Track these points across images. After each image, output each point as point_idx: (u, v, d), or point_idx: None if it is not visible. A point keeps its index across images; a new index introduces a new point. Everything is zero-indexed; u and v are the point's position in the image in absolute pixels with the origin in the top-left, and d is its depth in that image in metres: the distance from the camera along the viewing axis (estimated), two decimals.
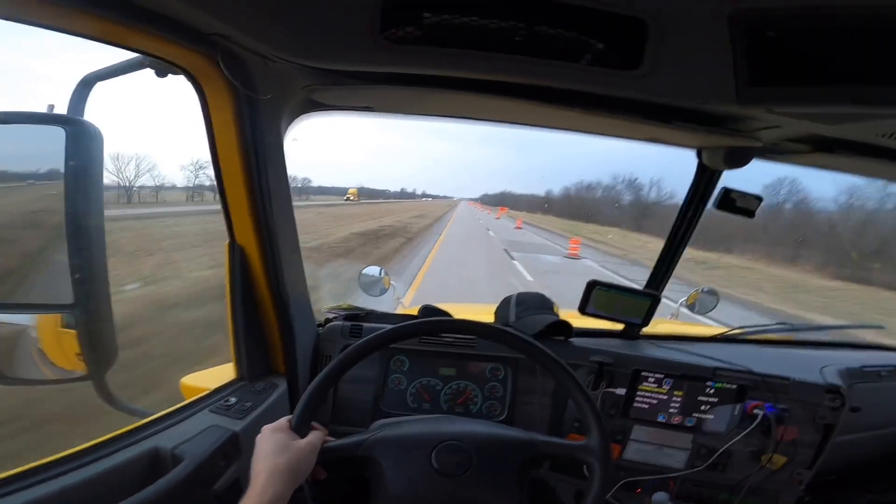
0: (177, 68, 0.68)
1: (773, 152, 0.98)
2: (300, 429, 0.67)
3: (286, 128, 0.88)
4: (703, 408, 1.02)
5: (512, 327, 1.14)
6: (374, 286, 1.37)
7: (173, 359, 3.15)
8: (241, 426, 0.79)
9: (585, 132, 0.99)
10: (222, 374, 0.96)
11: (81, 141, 0.62)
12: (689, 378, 1.03)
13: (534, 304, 1.16)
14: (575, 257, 11.95)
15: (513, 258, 10.59)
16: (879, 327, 1.55)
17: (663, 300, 1.16)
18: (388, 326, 0.74)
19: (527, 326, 1.09)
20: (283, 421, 0.68)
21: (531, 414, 1.08)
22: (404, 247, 11.60)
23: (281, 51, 0.64)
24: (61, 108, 0.66)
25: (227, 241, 0.86)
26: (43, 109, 0.66)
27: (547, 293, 1.22)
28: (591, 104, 0.77)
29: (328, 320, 1.14)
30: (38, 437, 2.12)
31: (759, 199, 1.05)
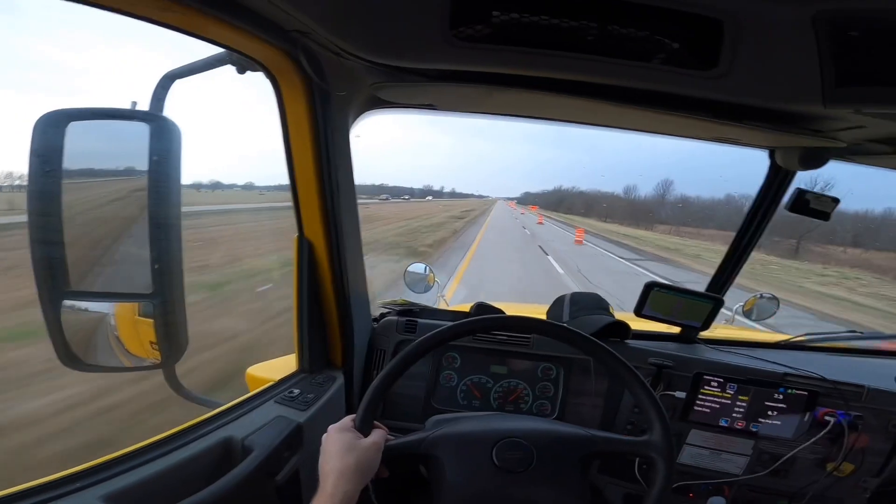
0: (256, 64, 0.69)
1: (852, 153, 0.94)
2: (364, 428, 0.67)
3: (352, 124, 0.89)
4: (769, 413, 1.02)
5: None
6: (419, 283, 1.38)
7: None
8: (305, 418, 0.81)
9: (654, 132, 0.98)
10: (284, 365, 0.98)
11: (163, 137, 0.64)
12: (757, 383, 1.01)
13: (589, 304, 1.14)
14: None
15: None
16: None
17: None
18: (445, 323, 0.74)
19: (583, 326, 1.07)
20: (348, 420, 0.68)
21: (582, 414, 1.07)
22: None
23: (354, 47, 0.65)
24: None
25: (296, 236, 0.87)
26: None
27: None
28: (661, 104, 0.76)
29: (382, 315, 1.15)
30: None
31: (835, 200, 1.00)
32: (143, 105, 0.68)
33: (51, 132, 0.61)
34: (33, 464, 1.97)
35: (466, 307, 1.17)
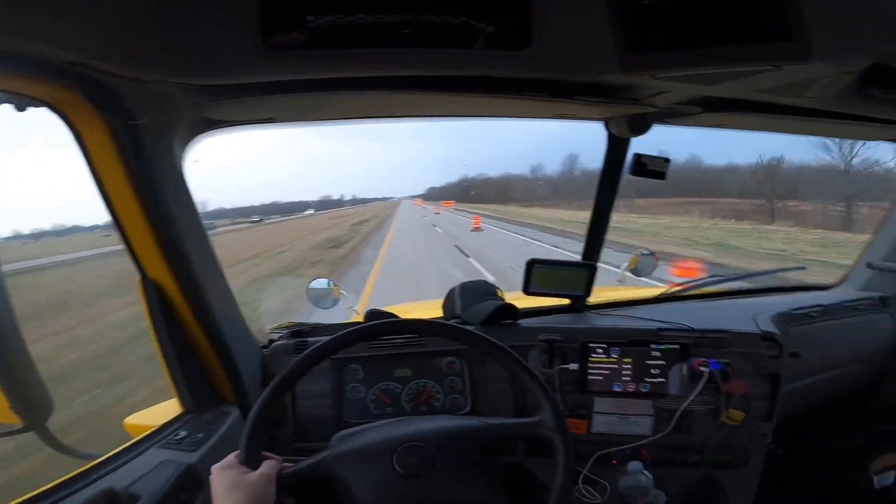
0: (36, 101, 0.62)
1: (669, 116, 1.01)
2: (249, 461, 0.64)
3: (181, 150, 0.83)
4: (652, 371, 1.03)
5: (459, 318, 1.16)
6: (324, 299, 1.35)
7: None
8: (196, 458, 0.78)
9: (494, 116, 1.01)
10: (166, 410, 0.93)
11: None
12: (634, 343, 1.03)
13: (478, 291, 1.18)
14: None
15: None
16: (801, 268, 1.66)
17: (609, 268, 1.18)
18: (325, 339, 0.73)
19: (474, 315, 1.11)
20: (231, 457, 0.66)
21: (494, 402, 1.07)
22: None
23: (153, 72, 0.60)
24: None
25: (138, 278, 0.82)
26: None
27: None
28: (492, 88, 0.77)
29: (272, 341, 1.11)
30: None
31: (666, 160, 1.08)
32: None
33: None
34: None
35: (359, 317, 1.17)
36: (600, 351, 1.04)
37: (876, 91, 0.80)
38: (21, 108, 0.62)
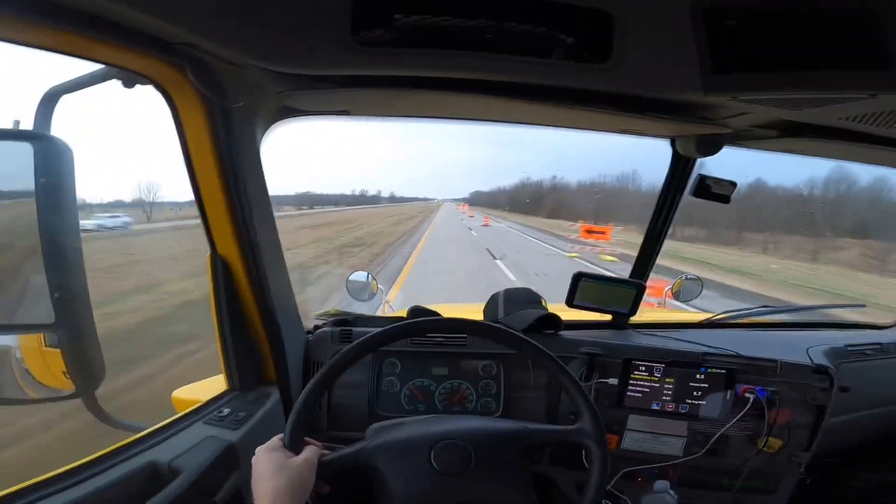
0: (144, 79, 0.66)
1: (743, 139, 1.00)
2: (294, 445, 0.66)
3: (262, 135, 0.86)
4: (695, 394, 1.03)
5: (501, 324, 1.15)
6: (362, 291, 1.37)
7: None
8: (237, 437, 0.79)
9: (561, 126, 1.00)
10: (212, 385, 0.95)
11: (51, 157, 0.61)
12: (679, 365, 1.04)
13: (521, 299, 1.17)
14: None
15: None
16: (860, 306, 1.59)
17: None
18: (376, 330, 0.75)
19: (516, 322, 1.10)
20: (276, 440, 0.67)
21: (526, 408, 1.09)
22: None
23: (251, 57, 0.63)
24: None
25: (209, 253, 0.85)
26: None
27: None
28: (564, 98, 0.78)
29: (317, 327, 1.14)
30: None
31: (733, 184, 1.06)
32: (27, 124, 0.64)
33: None
34: None
35: (402, 312, 1.18)
36: (643, 368, 1.04)
37: None
38: (129, 86, 0.65)
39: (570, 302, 1.15)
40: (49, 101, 0.65)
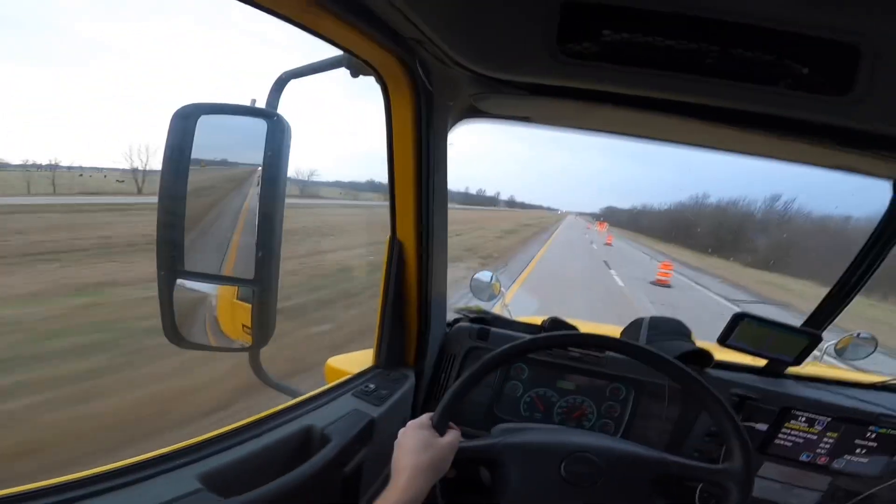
0: (370, 69, 0.72)
1: None
2: (441, 427, 0.69)
3: (450, 131, 0.91)
4: (857, 451, 0.99)
5: None
6: (484, 291, 1.37)
7: None
8: (378, 413, 0.83)
9: (770, 157, 0.93)
10: (361, 358, 1.01)
11: (277, 134, 0.68)
12: (849, 420, 0.98)
13: (668, 329, 1.08)
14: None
15: None
16: None
17: None
18: (518, 334, 0.75)
19: (661, 351, 1.02)
20: (426, 418, 0.70)
21: (648, 438, 1.04)
22: None
23: (462, 57, 0.66)
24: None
25: (388, 236, 0.90)
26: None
27: None
28: (783, 128, 0.73)
29: (456, 321, 1.16)
30: None
31: None
32: (261, 102, 0.73)
33: (184, 124, 0.67)
34: None
35: (538, 320, 1.16)
36: (803, 419, 1.00)
37: None
38: (355, 75, 0.73)
39: (724, 341, 1.04)
40: (281, 83, 0.73)
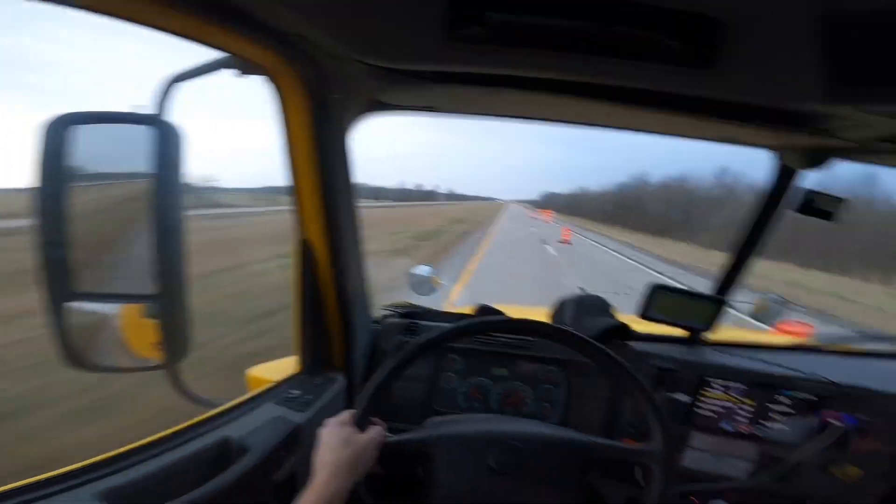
0: (257, 68, 0.70)
1: (859, 152, 0.92)
2: (362, 423, 0.68)
3: (351, 127, 0.89)
4: (774, 417, 1.01)
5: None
6: (423, 285, 1.37)
7: None
8: (303, 419, 0.81)
9: (656, 132, 0.97)
10: (285, 366, 0.99)
11: (166, 140, 0.65)
12: (762, 386, 1.00)
13: (592, 306, 1.13)
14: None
15: None
16: None
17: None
18: (447, 325, 0.75)
19: (584, 329, 1.06)
20: (346, 415, 0.69)
21: (584, 417, 1.06)
22: None
23: (352, 51, 0.65)
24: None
25: (296, 238, 0.88)
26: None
27: None
28: (663, 104, 0.75)
29: (385, 317, 1.15)
30: None
31: (839, 199, 0.98)
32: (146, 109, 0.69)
33: (57, 135, 0.62)
34: None
35: (469, 309, 1.17)
36: (718, 387, 1.02)
37: None
38: (241, 75, 0.70)
39: (644, 313, 1.10)
40: (167, 88, 0.69)
